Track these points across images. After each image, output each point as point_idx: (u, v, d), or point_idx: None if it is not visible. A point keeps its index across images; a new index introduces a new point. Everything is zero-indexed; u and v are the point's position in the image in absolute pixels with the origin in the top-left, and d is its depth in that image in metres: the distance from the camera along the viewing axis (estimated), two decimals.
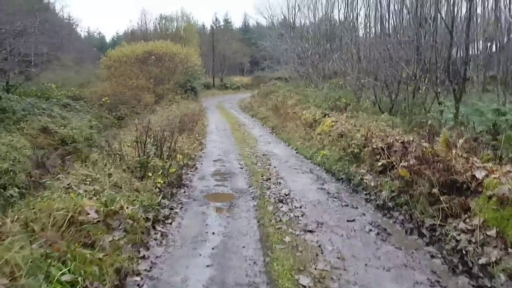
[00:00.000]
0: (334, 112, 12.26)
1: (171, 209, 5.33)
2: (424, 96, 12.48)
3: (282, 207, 5.39)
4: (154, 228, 4.54)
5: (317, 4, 30.31)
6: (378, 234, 4.45)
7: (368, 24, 23.59)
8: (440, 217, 4.31)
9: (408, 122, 10.76)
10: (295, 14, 30.53)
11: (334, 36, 25.66)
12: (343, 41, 22.74)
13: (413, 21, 15.40)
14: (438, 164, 4.67)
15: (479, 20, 18.20)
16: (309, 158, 9.21)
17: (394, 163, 5.97)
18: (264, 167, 8.27)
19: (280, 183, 6.88)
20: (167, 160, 7.10)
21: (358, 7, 24.70)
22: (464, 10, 13.15)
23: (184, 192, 6.36)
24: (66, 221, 3.79)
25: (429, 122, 8.26)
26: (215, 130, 15.01)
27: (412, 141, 6.24)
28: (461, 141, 4.80)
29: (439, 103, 10.85)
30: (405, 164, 5.56)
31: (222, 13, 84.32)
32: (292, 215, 5.05)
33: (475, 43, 18.28)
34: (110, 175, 5.59)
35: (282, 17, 32.02)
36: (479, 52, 19.16)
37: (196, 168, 8.31)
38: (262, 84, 29.76)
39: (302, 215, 5.06)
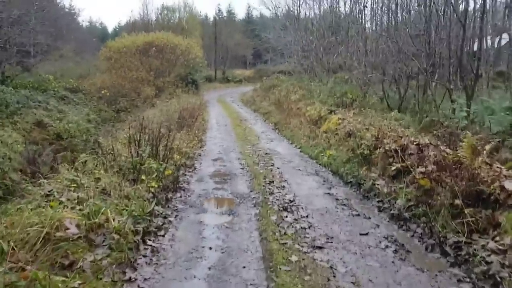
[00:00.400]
0: (340, 108, 11.72)
1: (165, 217, 4.84)
2: (434, 93, 11.93)
3: (286, 216, 4.90)
4: (144, 242, 4.05)
5: None
6: (395, 251, 3.95)
7: (375, 17, 23.00)
8: (466, 233, 3.81)
9: (419, 120, 10.22)
10: (299, 5, 29.85)
11: (339, 28, 25.03)
12: (349, 34, 22.11)
13: (422, 13, 14.82)
14: (462, 172, 4.16)
15: (490, 13, 17.57)
16: (314, 158, 8.71)
17: (410, 168, 5.47)
18: (267, 168, 7.77)
19: (284, 186, 6.39)
20: (162, 161, 6.60)
21: (365, 1, 23.93)
22: (472, 3, 12.52)
23: (180, 196, 5.87)
24: (41, 238, 3.31)
25: (445, 122, 7.70)
26: (216, 125, 14.50)
27: (430, 144, 5.72)
28: (488, 147, 4.28)
29: (452, 101, 10.31)
30: (423, 170, 5.06)
31: (225, 4, 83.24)
32: (298, 226, 4.56)
33: (485, 37, 17.62)
34: (98, 179, 5.11)
35: (286, 8, 31.36)
36: (487, 47, 18.53)
37: (195, 168, 7.82)
38: (264, 78, 29.16)
39: (309, 227, 4.56)
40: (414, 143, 6.11)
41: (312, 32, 25.11)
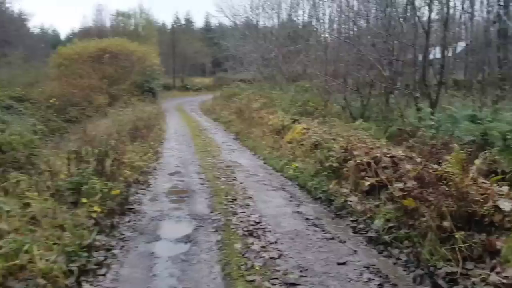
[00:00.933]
0: (304, 117, 11.27)
1: (108, 250, 4.07)
2: (398, 101, 11.74)
3: (252, 243, 4.25)
4: (79, 285, 3.28)
5: (281, 4, 29.35)
6: (380, 285, 3.40)
7: (334, 25, 22.99)
8: (459, 262, 3.32)
9: (385, 129, 9.93)
10: (258, 14, 29.60)
11: (299, 37, 24.94)
12: (309, 42, 21.98)
13: (382, 21, 14.79)
14: (450, 189, 3.69)
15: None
16: (279, 170, 8.14)
17: (386, 183, 4.99)
18: (229, 183, 7.11)
19: (248, 205, 5.75)
20: (110, 179, 5.79)
21: (324, 8, 23.97)
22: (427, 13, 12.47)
23: (129, 221, 5.09)
24: None
25: (418, 133, 7.36)
26: (174, 135, 13.69)
27: (407, 156, 5.28)
28: (477, 161, 3.83)
29: (417, 109, 10.09)
30: (401, 186, 4.59)
31: (183, 12, 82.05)
32: (266, 256, 3.92)
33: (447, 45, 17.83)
34: (27, 204, 4.26)
35: (245, 17, 30.98)
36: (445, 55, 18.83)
37: (149, 185, 7.03)
38: (224, 86, 28.57)
39: (279, 256, 3.94)
40: (388, 155, 5.66)
41: (272, 41, 24.85)
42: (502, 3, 12.14)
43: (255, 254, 3.95)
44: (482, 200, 3.44)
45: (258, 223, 4.95)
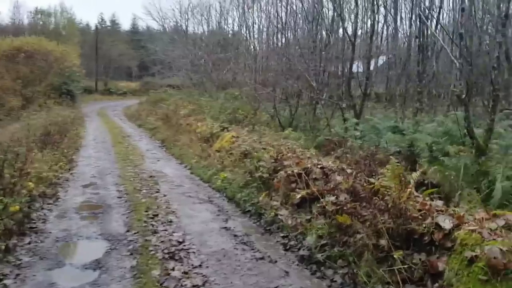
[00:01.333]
0: (233, 125, 10.93)
1: (0, 280, 3.35)
2: (325, 111, 11.85)
3: (173, 268, 3.74)
4: None
5: (211, 11, 29.12)
6: None
7: (263, 35, 23.14)
8: (399, 284, 3.10)
9: (313, 139, 9.88)
10: (187, 19, 29.02)
11: (228, 45, 24.86)
12: (239, 50, 21.91)
13: (310, 33, 15.05)
14: (386, 205, 3.50)
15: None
16: (206, 181, 7.69)
17: (317, 195, 4.74)
18: (151, 196, 6.51)
19: (171, 221, 5.22)
20: (8, 194, 4.94)
21: (253, 18, 24.08)
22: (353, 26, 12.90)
23: (29, 243, 4.33)
24: None
25: (348, 143, 7.30)
26: (93, 142, 12.64)
27: (338, 168, 5.10)
28: (415, 174, 3.68)
29: (344, 119, 10.19)
30: (334, 199, 4.36)
31: (109, 14, 78.25)
32: (189, 284, 3.44)
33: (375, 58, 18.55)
34: None
35: (174, 21, 30.23)
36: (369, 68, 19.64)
37: (57, 199, 6.21)
38: (151, 91, 27.47)
39: (203, 284, 3.48)
40: (319, 166, 5.46)
41: (202, 47, 24.42)
42: (423, 19, 12.81)
43: (176, 283, 3.45)
44: (420, 217, 3.26)
45: (181, 243, 4.44)
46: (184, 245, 4.36)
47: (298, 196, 5.07)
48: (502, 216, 2.88)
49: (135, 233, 4.70)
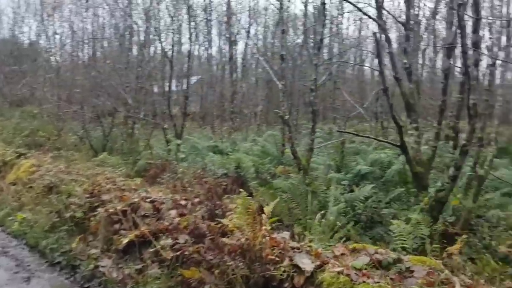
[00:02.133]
0: (33, 151, 9.13)
1: None
2: (144, 131, 11.04)
3: None
4: None
5: (2, 17, 25.17)
6: None
7: (66, 47, 20.91)
8: None
9: (132, 164, 8.96)
10: None
11: (23, 56, 21.98)
12: (37, 62, 19.31)
13: (122, 47, 14.16)
14: (240, 247, 3.00)
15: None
16: None
17: (149, 237, 3.99)
18: None
19: None
20: None
21: (54, 27, 21.52)
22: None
23: None
24: None
25: (174, 168, 6.68)
26: None
27: (173, 200, 4.44)
28: (267, 208, 3.26)
29: (167, 141, 9.58)
30: (171, 242, 3.70)
31: None
32: None
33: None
34: None
35: None
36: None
37: None
38: None
39: None
40: (148, 199, 4.71)
41: None
42: (232, 42, 13.32)
43: None
44: (278, 258, 2.85)
45: None
46: None
47: (125, 240, 4.20)
48: (362, 250, 2.71)
49: None
